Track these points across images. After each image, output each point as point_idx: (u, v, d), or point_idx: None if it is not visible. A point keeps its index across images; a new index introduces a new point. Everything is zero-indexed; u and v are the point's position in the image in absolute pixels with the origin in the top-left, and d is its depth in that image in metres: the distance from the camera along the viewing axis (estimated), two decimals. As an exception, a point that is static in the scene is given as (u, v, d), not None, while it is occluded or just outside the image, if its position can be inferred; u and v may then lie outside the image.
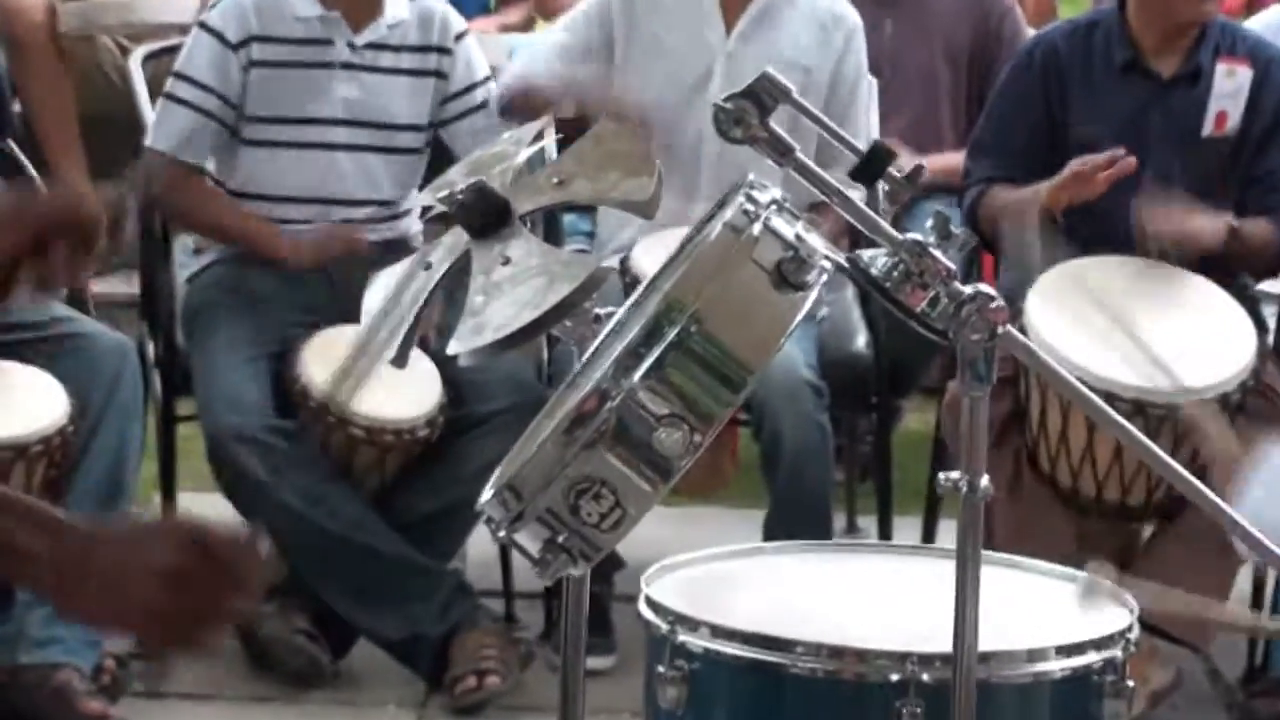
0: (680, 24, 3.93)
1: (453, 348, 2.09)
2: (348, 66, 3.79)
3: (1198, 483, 2.10)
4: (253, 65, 3.78)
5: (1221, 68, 3.80)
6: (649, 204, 2.16)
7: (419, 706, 3.68)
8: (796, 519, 3.63)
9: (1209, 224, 3.62)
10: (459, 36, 3.91)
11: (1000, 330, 2.02)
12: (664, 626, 2.33)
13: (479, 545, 3.72)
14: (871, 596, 2.49)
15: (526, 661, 3.75)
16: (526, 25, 5.40)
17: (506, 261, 2.13)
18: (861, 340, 4.00)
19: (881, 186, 2.08)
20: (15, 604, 3.52)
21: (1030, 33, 4.52)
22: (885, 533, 4.04)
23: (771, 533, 3.65)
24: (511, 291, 2.10)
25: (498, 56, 4.34)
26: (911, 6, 4.64)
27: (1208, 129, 3.75)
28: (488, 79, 3.97)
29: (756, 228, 1.95)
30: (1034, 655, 2.25)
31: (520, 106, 3.72)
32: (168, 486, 3.97)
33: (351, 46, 3.80)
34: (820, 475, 3.74)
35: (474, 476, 3.21)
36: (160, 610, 1.58)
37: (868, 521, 4.25)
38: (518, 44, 4.89)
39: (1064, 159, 3.70)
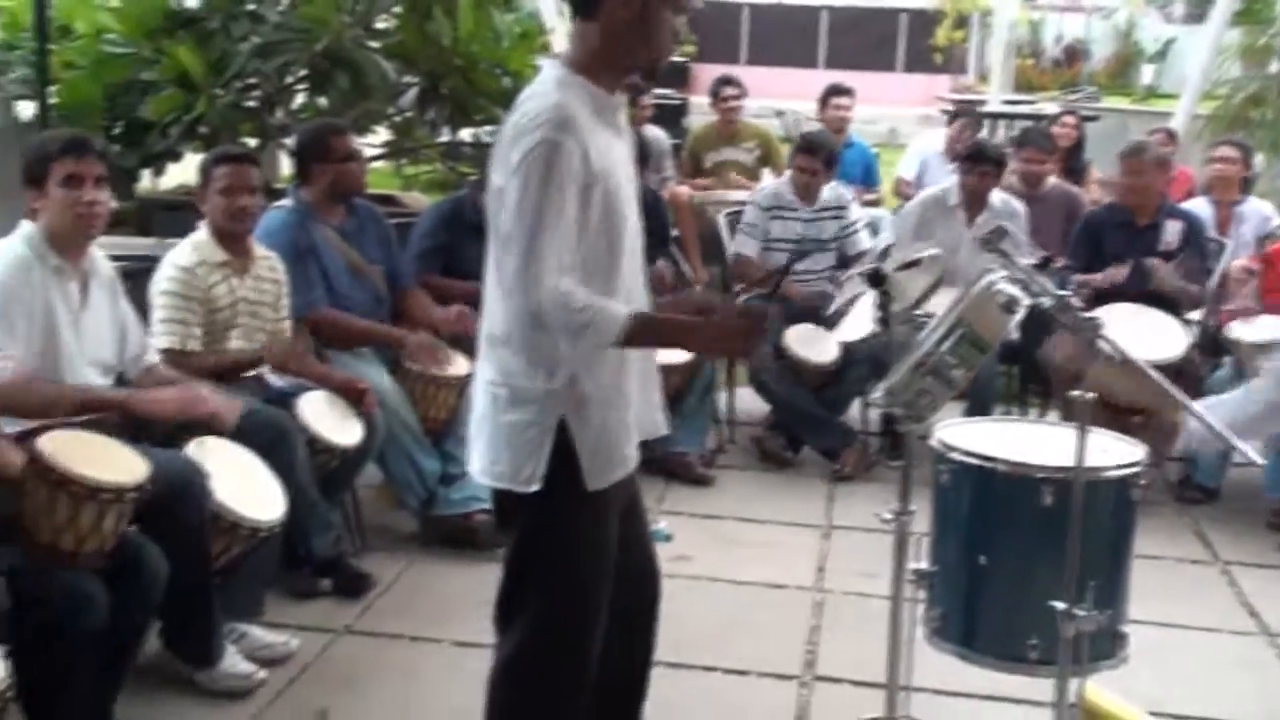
0: (952, 225, 5.62)
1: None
2: (806, 221, 5.46)
3: (1176, 393, 2.38)
4: (772, 219, 5.40)
5: (1169, 222, 5.25)
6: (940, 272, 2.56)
7: (829, 478, 5.26)
8: (981, 406, 4.75)
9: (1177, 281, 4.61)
10: (849, 201, 5.47)
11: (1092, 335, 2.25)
12: (941, 448, 2.78)
13: (853, 410, 5.06)
14: (1030, 440, 2.89)
15: (873, 462, 5.15)
16: (877, 201, 6.89)
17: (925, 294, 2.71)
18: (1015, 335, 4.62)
19: (1049, 269, 2.28)
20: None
21: (1090, 208, 5.56)
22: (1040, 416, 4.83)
23: (970, 412, 4.61)
24: (940, 300, 2.61)
25: (862, 214, 5.82)
26: (1041, 200, 5.94)
27: (1162, 247, 5.17)
28: (857, 219, 5.54)
29: (996, 286, 2.41)
30: (1106, 468, 2.67)
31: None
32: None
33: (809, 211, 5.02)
34: (992, 391, 4.91)
35: (854, 382, 4.96)
36: (734, 342, 2.32)
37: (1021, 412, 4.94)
38: (874, 213, 6.36)
39: (1105, 264, 5.09)
